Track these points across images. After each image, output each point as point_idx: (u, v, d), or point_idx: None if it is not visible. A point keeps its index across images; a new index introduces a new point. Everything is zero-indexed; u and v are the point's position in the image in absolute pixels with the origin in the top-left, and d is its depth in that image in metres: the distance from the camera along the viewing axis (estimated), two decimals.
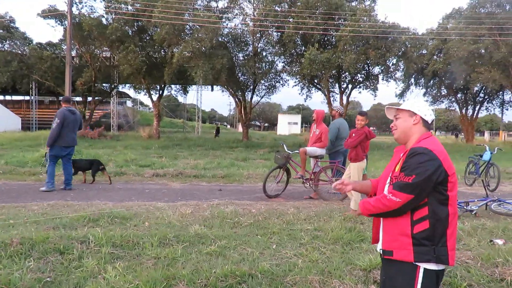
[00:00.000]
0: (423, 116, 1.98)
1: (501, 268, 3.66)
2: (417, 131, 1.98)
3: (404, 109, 2.02)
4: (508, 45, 21.98)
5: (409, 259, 1.83)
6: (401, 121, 2.01)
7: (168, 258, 3.74)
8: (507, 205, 6.37)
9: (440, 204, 1.83)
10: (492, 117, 73.82)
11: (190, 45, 19.02)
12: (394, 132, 2.06)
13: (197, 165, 11.47)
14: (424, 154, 1.81)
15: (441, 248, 1.82)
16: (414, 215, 1.84)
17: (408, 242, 1.84)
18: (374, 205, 1.90)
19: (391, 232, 1.91)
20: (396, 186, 1.82)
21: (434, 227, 1.82)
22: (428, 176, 1.76)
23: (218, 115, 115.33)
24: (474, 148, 20.02)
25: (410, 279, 1.85)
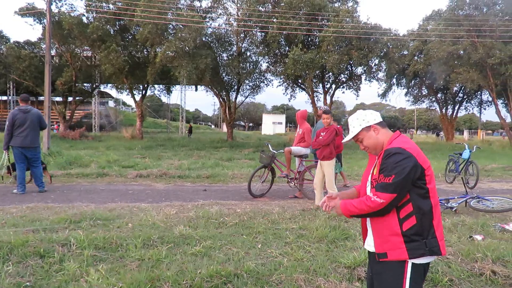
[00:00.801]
0: (375, 123, 2.03)
1: (480, 263, 3.76)
2: (383, 136, 2.01)
3: (359, 132, 2.04)
4: (485, 46, 22.59)
5: (404, 257, 1.85)
6: (366, 140, 2.03)
7: (153, 259, 3.69)
8: (486, 202, 6.54)
9: (422, 198, 1.87)
10: (470, 116, 75.85)
11: (174, 45, 18.86)
12: (369, 152, 2.08)
13: (182, 166, 11.37)
14: (398, 154, 1.84)
15: (431, 240, 1.86)
16: (401, 213, 1.87)
17: (400, 240, 1.86)
18: (357, 206, 1.90)
19: (381, 234, 1.92)
20: (378, 187, 1.85)
21: (421, 221, 1.85)
22: (406, 174, 1.80)
23: (202, 115, 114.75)
24: (454, 146, 20.54)
25: (399, 275, 1.87)
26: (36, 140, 7.36)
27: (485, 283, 3.44)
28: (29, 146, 7.19)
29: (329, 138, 6.17)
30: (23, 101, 7.35)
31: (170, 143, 20.64)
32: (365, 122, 2.03)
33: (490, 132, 78.97)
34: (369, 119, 2.03)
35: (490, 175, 11.98)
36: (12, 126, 7.05)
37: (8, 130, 7.04)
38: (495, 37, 22.54)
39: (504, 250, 4.16)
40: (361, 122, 2.03)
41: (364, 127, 2.02)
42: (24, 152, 7.20)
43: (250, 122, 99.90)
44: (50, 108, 13.02)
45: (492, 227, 5.27)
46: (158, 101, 61.83)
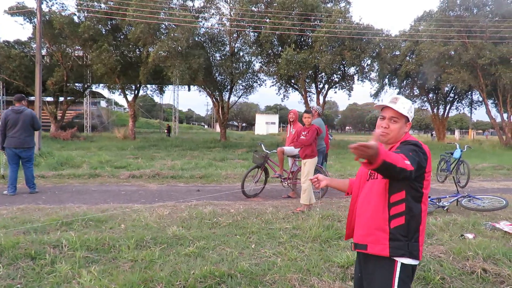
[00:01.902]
0: (411, 122, 2.04)
1: (471, 261, 3.80)
2: (404, 135, 2.02)
3: (401, 114, 1.97)
4: (476, 47, 22.86)
5: (385, 253, 1.86)
6: (397, 127, 1.97)
7: (146, 260, 3.67)
8: (477, 201, 6.61)
9: (416, 201, 1.87)
10: (461, 116, 76.67)
11: (166, 45, 18.77)
12: (385, 135, 1.97)
13: (175, 166, 11.33)
14: (416, 145, 1.85)
15: (413, 244, 1.87)
16: (391, 211, 1.87)
17: (385, 237, 1.86)
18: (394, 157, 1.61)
19: (367, 227, 1.92)
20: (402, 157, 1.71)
21: (409, 223, 1.86)
22: (419, 159, 1.78)
23: (195, 116, 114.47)
24: (445, 146, 20.74)
25: (388, 274, 1.88)
26: (29, 141, 7.30)
27: (476, 281, 3.48)
28: (22, 146, 7.15)
29: (311, 138, 6.24)
30: (17, 101, 7.35)
31: (163, 143, 20.55)
32: (411, 115, 2.01)
33: (480, 131, 79.91)
34: (412, 115, 2.02)
35: (481, 174, 12.12)
36: (5, 127, 7.05)
37: (1, 130, 7.04)
38: (485, 38, 22.82)
39: (494, 248, 4.21)
40: (410, 111, 1.99)
41: (407, 116, 1.99)
42: (18, 153, 7.17)
43: (243, 122, 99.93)
44: (41, 108, 12.87)
45: (483, 226, 5.34)
46: (150, 101, 61.53)
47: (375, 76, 26.69)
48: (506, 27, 22.29)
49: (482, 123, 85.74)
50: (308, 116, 6.46)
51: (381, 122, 2.00)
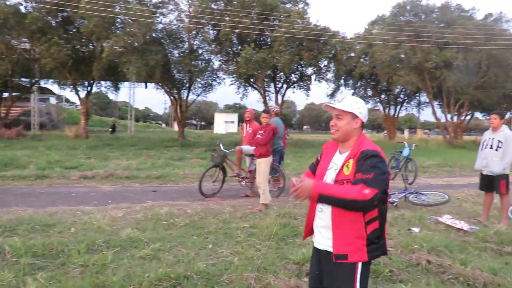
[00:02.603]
0: (363, 119, 2.06)
1: (417, 254, 4.04)
2: (356, 133, 2.05)
3: (348, 111, 2.03)
4: (423, 51, 24.25)
5: (364, 259, 1.92)
6: (344, 124, 2.02)
7: (97, 265, 3.54)
8: (423, 196, 7.04)
9: (383, 203, 1.94)
10: (410, 116, 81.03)
11: (122, 40, 18.08)
12: (334, 132, 2.06)
13: (130, 166, 10.97)
14: (375, 156, 1.88)
15: (383, 241, 1.99)
16: (366, 217, 1.91)
17: (363, 243, 1.91)
18: (337, 190, 1.82)
19: (346, 236, 1.93)
20: (359, 181, 1.81)
21: (381, 225, 1.95)
22: (384, 175, 1.84)
23: (152, 114, 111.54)
24: (396, 145, 21.81)
25: (352, 272, 1.94)
26: None
27: (421, 272, 3.71)
28: None
29: (266, 137, 6.32)
30: None
31: (118, 142, 19.80)
32: (357, 111, 2.03)
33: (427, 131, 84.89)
34: (362, 112, 2.05)
35: (426, 171, 12.89)
36: None
37: None
38: (431, 43, 24.27)
39: (437, 240, 4.51)
40: (355, 107, 2.03)
41: (354, 113, 2.03)
42: None
43: (202, 121, 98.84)
44: None
45: (428, 220, 5.69)
46: (105, 98, 59.05)
47: (332, 76, 27.51)
48: (450, 33, 23.85)
49: (428, 123, 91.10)
50: (266, 116, 6.52)
51: (331, 121, 2.10)
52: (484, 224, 5.56)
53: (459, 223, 5.32)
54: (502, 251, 4.34)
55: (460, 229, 5.16)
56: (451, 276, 3.57)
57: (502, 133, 5.60)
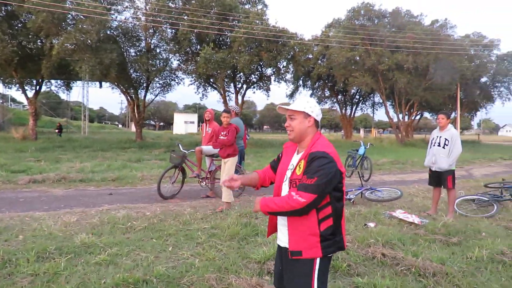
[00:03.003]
0: (315, 117, 2.08)
1: (373, 248, 4.21)
2: (311, 131, 2.07)
3: (299, 110, 2.06)
4: (377, 54, 25.36)
5: (318, 255, 1.95)
6: (297, 123, 2.06)
7: (49, 273, 3.35)
8: (377, 193, 7.35)
9: (338, 200, 1.99)
10: (366, 116, 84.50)
11: (73, 37, 17.23)
12: (290, 133, 2.10)
13: (84, 168, 10.48)
14: (323, 158, 1.90)
15: (340, 238, 2.02)
16: (320, 214, 1.95)
17: (316, 240, 1.94)
18: (278, 203, 1.91)
19: (300, 233, 1.97)
20: (301, 187, 1.88)
21: (335, 222, 1.98)
22: (328, 179, 1.87)
23: (108, 114, 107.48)
24: (352, 143, 22.62)
25: (309, 268, 1.98)
26: None
27: (377, 265, 3.86)
28: None
29: (232, 138, 6.32)
30: None
31: (71, 144, 18.85)
32: (309, 109, 2.06)
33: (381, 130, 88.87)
34: (314, 110, 2.07)
35: (381, 169, 13.48)
36: None
37: None
38: (384, 46, 25.42)
39: (391, 234, 4.72)
40: (307, 106, 2.06)
41: (305, 112, 2.05)
42: None
43: (161, 122, 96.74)
44: None
45: (382, 215, 5.95)
46: (55, 98, 56.06)
47: (291, 77, 28.00)
48: (401, 38, 25.13)
49: (382, 122, 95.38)
50: (226, 116, 6.49)
51: (286, 123, 2.14)
52: (433, 217, 5.91)
53: (411, 217, 5.61)
54: (449, 242, 4.63)
55: (411, 223, 5.44)
56: (404, 267, 3.75)
57: (448, 132, 5.97)
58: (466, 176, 11.92)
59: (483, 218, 5.98)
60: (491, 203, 6.66)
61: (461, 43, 27.49)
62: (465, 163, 16.16)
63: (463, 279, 3.51)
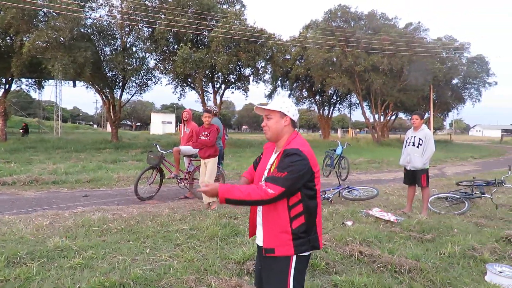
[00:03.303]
0: (291, 117, 2.11)
1: (350, 246, 4.28)
2: (287, 131, 2.10)
3: (275, 110, 2.09)
4: (353, 55, 25.80)
5: (290, 253, 1.97)
6: (273, 122, 2.09)
7: (20, 278, 3.23)
8: (355, 192, 7.48)
9: (311, 199, 2.01)
10: (343, 116, 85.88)
11: (45, 34, 16.65)
12: (266, 132, 2.13)
13: (57, 170, 10.16)
14: (295, 155, 1.94)
15: (314, 237, 2.02)
16: (291, 212, 1.97)
17: (288, 238, 1.96)
18: (243, 191, 1.87)
19: (273, 231, 2.00)
20: (270, 179, 1.92)
21: (308, 220, 1.99)
22: (298, 174, 1.90)
23: (82, 114, 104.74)
24: (330, 143, 22.94)
25: (285, 266, 1.99)
26: None
27: (354, 263, 3.93)
28: None
29: (214, 138, 6.29)
30: None
31: (43, 144, 18.23)
32: (285, 109, 2.09)
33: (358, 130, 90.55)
34: (290, 110, 2.10)
35: (358, 168, 13.73)
36: None
37: None
38: (360, 48, 25.90)
39: (368, 232, 4.81)
40: (283, 106, 2.09)
41: (281, 111, 2.08)
42: None
43: (137, 122, 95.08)
44: None
45: (359, 213, 6.06)
46: (26, 97, 54.16)
47: (269, 77, 28.06)
48: (376, 40, 25.67)
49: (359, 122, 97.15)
50: (208, 116, 6.42)
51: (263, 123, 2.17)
52: (408, 215, 6.06)
53: (387, 215, 5.74)
54: (423, 239, 4.76)
55: (387, 221, 5.56)
56: (381, 264, 3.82)
57: (422, 132, 6.15)
58: (439, 175, 12.30)
59: (455, 215, 6.18)
60: (463, 201, 6.89)
61: (433, 45, 28.34)
62: (438, 162, 16.68)
63: (437, 275, 3.61)
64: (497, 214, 6.36)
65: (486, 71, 32.40)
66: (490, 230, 5.26)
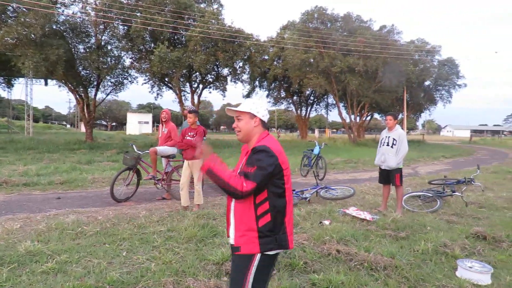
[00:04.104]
0: (261, 118, 2.16)
1: (328, 245, 4.34)
2: (257, 131, 2.15)
3: (245, 111, 2.14)
4: (330, 56, 26.18)
5: (255, 251, 1.98)
6: (244, 124, 2.14)
7: None
8: (332, 191, 7.59)
9: (278, 197, 2.03)
10: (320, 117, 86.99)
11: (15, 30, 16.05)
12: (238, 133, 2.17)
13: (28, 172, 9.81)
14: (263, 151, 1.99)
15: (282, 236, 2.03)
16: (258, 210, 1.99)
17: (254, 236, 1.99)
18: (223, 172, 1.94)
19: (240, 229, 2.02)
20: (242, 173, 1.98)
21: (275, 218, 2.01)
22: (266, 169, 1.94)
23: (54, 114, 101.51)
24: (307, 143, 23.18)
25: (246, 264, 2.01)
26: None
27: (332, 261, 3.99)
28: None
29: (201, 138, 6.22)
30: None
31: (13, 145, 17.54)
32: (255, 110, 2.13)
33: (334, 130, 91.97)
34: (259, 111, 2.14)
35: (335, 168, 13.94)
36: None
37: None
38: (336, 49, 26.32)
39: (345, 231, 4.90)
40: (253, 107, 2.13)
41: (251, 112, 2.13)
42: None
43: (113, 122, 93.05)
44: None
45: (336, 212, 6.15)
46: None
47: (247, 78, 28.10)
48: (352, 41, 26.15)
49: (336, 123, 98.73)
50: (193, 116, 6.30)
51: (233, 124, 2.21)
52: (383, 214, 6.21)
53: (363, 214, 5.86)
54: (398, 236, 4.90)
55: (364, 219, 5.68)
56: (357, 262, 3.90)
57: (396, 132, 6.31)
58: (412, 174, 12.66)
59: (428, 213, 6.38)
60: (435, 199, 7.13)
61: (406, 48, 29.15)
62: (411, 161, 17.16)
63: (411, 271, 3.72)
64: (467, 212, 6.60)
65: (456, 73, 33.66)
66: (461, 227, 5.47)
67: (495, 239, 4.79)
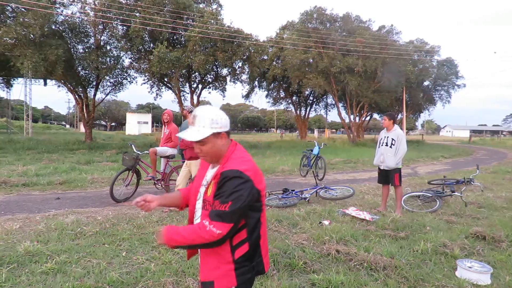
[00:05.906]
0: (225, 130, 1.77)
1: (327, 245, 4.34)
2: (225, 146, 1.78)
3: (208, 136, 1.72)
4: (329, 56, 26.20)
5: (232, 284, 1.71)
6: (210, 147, 1.74)
7: None
8: (331, 191, 7.60)
9: (256, 222, 1.75)
10: (319, 117, 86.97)
11: (14, 31, 16.03)
12: (204, 158, 1.81)
13: (27, 172, 9.80)
14: (236, 178, 1.64)
15: (258, 262, 1.79)
16: (234, 240, 1.71)
17: (230, 268, 1.70)
18: (187, 237, 1.63)
19: (211, 262, 1.73)
20: (214, 215, 1.62)
21: (252, 247, 1.75)
22: (244, 201, 1.62)
23: (54, 114, 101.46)
24: (307, 143, 23.19)
25: None
26: None
27: (331, 261, 3.99)
28: None
29: None
30: None
31: (12, 145, 17.52)
32: (217, 127, 1.73)
33: (334, 130, 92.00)
34: (222, 124, 1.74)
35: (334, 168, 13.94)
36: None
37: None
38: (336, 49, 26.33)
39: (345, 231, 4.90)
40: (214, 125, 1.72)
41: (215, 132, 1.73)
42: None
43: (112, 122, 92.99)
44: None
45: (336, 213, 6.15)
46: None
47: (246, 78, 28.10)
48: (351, 41, 26.16)
49: (335, 123, 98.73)
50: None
51: (196, 148, 1.80)
52: (383, 214, 6.21)
53: (363, 214, 5.86)
54: (398, 236, 4.90)
55: (363, 219, 5.68)
56: (357, 262, 3.91)
57: (394, 132, 6.32)
58: (412, 174, 12.67)
59: (427, 213, 6.39)
60: (434, 199, 7.14)
61: (405, 48, 29.16)
62: (410, 161, 17.18)
63: (410, 271, 3.73)
64: (466, 212, 6.61)
65: (455, 73, 33.70)
66: (460, 227, 5.48)
67: (495, 239, 4.80)
